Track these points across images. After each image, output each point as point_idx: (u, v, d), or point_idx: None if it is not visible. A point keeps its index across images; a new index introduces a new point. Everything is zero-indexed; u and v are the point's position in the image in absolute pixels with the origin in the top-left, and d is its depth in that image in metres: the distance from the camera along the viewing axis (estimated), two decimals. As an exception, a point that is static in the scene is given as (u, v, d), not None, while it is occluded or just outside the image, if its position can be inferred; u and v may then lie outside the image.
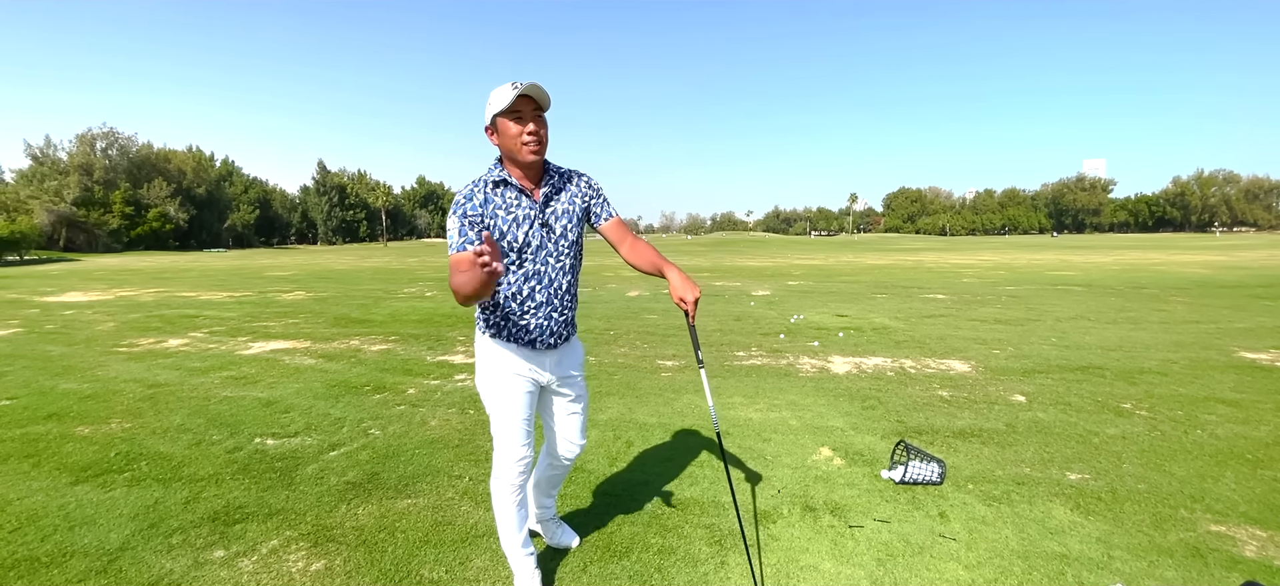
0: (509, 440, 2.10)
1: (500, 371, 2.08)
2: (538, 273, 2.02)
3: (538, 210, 2.00)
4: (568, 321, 2.14)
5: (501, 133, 1.93)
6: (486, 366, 2.11)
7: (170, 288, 16.09)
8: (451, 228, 1.94)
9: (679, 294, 2.03)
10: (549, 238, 2.02)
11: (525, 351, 2.08)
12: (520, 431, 2.11)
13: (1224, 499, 2.94)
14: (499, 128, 1.93)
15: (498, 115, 1.91)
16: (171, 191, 73.59)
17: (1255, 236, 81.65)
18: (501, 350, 2.08)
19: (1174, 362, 5.81)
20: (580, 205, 2.10)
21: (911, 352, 6.42)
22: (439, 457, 3.58)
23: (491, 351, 2.09)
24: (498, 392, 2.09)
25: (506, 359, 2.08)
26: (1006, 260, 25.72)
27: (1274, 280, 14.60)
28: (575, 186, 2.10)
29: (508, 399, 2.09)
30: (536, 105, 1.91)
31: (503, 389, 2.08)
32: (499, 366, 2.08)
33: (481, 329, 2.12)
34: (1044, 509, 2.87)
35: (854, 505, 2.94)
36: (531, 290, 2.02)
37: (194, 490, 3.16)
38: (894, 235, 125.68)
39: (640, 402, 4.68)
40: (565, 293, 2.10)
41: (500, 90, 1.89)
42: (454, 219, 1.93)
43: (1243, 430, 3.90)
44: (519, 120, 1.90)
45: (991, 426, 4.05)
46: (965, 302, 10.86)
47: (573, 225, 2.07)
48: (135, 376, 5.68)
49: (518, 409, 2.10)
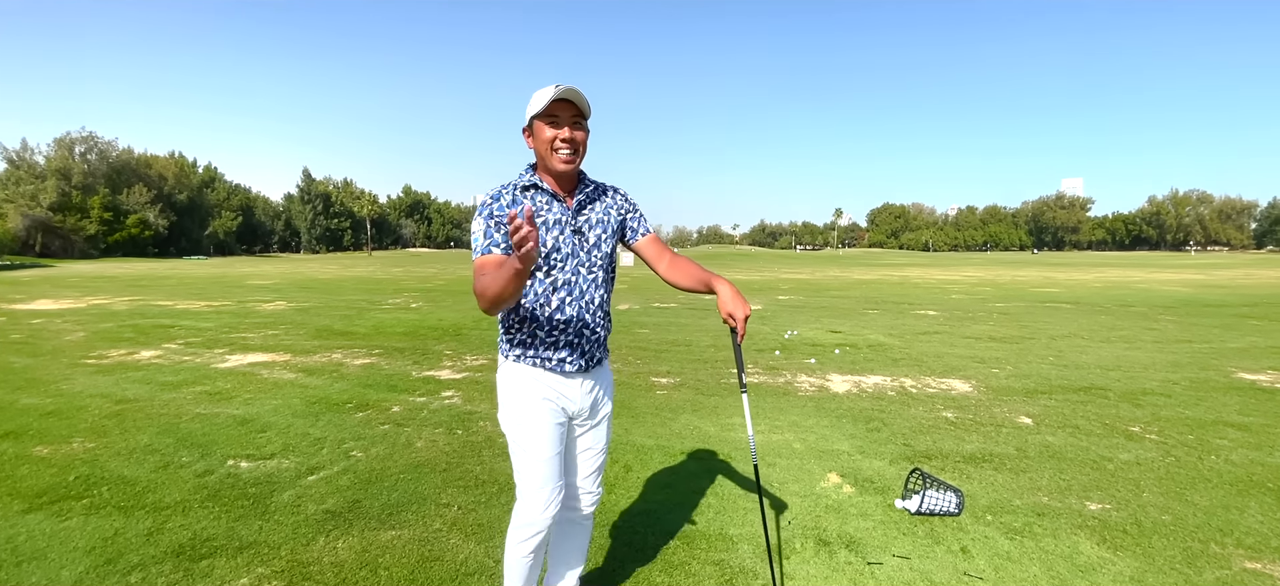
0: (539, 480, 1.84)
1: (527, 397, 1.84)
2: (568, 283, 1.82)
3: (570, 216, 1.83)
4: (600, 342, 1.92)
5: (537, 136, 1.79)
6: (512, 394, 1.87)
7: (146, 296, 15.62)
8: (477, 230, 1.77)
9: (728, 309, 1.86)
10: (582, 246, 1.84)
11: (554, 375, 1.86)
12: (552, 469, 1.85)
13: (1254, 532, 2.82)
14: (535, 131, 1.80)
15: (535, 117, 1.78)
16: (152, 197, 72.23)
17: (1229, 256, 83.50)
18: (528, 373, 1.85)
19: (1175, 383, 5.73)
20: (615, 217, 1.94)
21: (910, 371, 6.30)
22: (426, 483, 3.36)
23: (517, 376, 1.86)
24: (526, 423, 1.84)
25: (534, 383, 1.85)
26: (991, 276, 25.91)
27: (1257, 299, 14.77)
28: (610, 198, 1.96)
29: (538, 430, 1.83)
30: (576, 111, 1.77)
31: (532, 418, 1.83)
32: (526, 392, 1.84)
33: (505, 352, 1.90)
34: (1070, 543, 2.72)
35: (870, 539, 2.77)
36: (561, 302, 1.82)
37: (158, 519, 2.91)
38: (878, 250, 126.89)
39: (636, 423, 4.49)
40: (598, 308, 1.89)
41: (541, 92, 1.76)
42: (480, 220, 1.77)
43: (1258, 456, 3.80)
44: (554, 124, 1.76)
45: (1002, 451, 3.91)
46: (957, 319, 10.80)
47: (607, 236, 1.90)
48: (102, 391, 5.38)
49: (549, 441, 1.84)
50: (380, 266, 38.37)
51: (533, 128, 1.80)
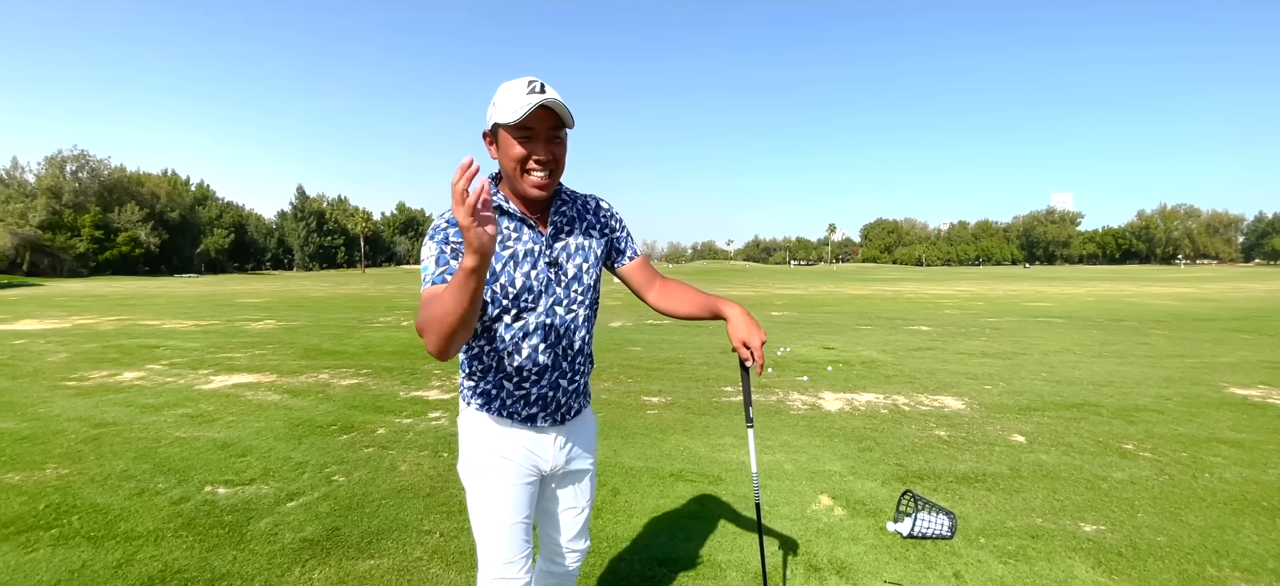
0: (497, 550, 1.53)
1: (489, 455, 1.55)
2: (543, 327, 1.50)
3: (545, 245, 1.50)
4: (580, 390, 1.63)
5: (503, 150, 1.42)
6: (472, 449, 1.57)
7: (133, 315, 15.45)
8: (427, 256, 1.41)
9: (742, 337, 1.60)
10: (559, 281, 1.52)
11: (523, 430, 1.57)
12: (514, 539, 1.54)
13: (1250, 553, 2.77)
14: (500, 142, 1.43)
15: (501, 125, 1.41)
16: (144, 215, 71.99)
17: (1218, 269, 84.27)
18: (492, 427, 1.55)
19: (1167, 399, 5.71)
20: (599, 241, 1.60)
21: (903, 388, 6.26)
22: (408, 509, 3.28)
23: (479, 429, 1.56)
24: (485, 485, 1.55)
25: (498, 439, 1.55)
26: (984, 291, 26.01)
27: (1246, 313, 14.86)
28: (593, 217, 1.61)
29: (498, 494, 1.54)
30: (555, 120, 1.40)
31: (492, 480, 1.54)
32: (488, 449, 1.55)
33: (466, 398, 1.60)
34: (1064, 567, 2.67)
35: (861, 564, 2.71)
36: (534, 349, 1.51)
37: (128, 550, 2.82)
38: (872, 265, 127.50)
39: (626, 444, 4.42)
40: (577, 352, 1.58)
41: (511, 89, 1.38)
42: (432, 245, 1.41)
43: (1251, 474, 3.76)
44: (527, 140, 1.40)
45: (995, 470, 3.86)
46: (950, 334, 10.80)
47: (590, 266, 1.57)
48: (81, 414, 5.27)
49: (511, 507, 1.54)
50: (373, 284, 38.20)
51: (498, 137, 1.43)
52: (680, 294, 1.72)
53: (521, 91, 1.36)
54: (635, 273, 1.70)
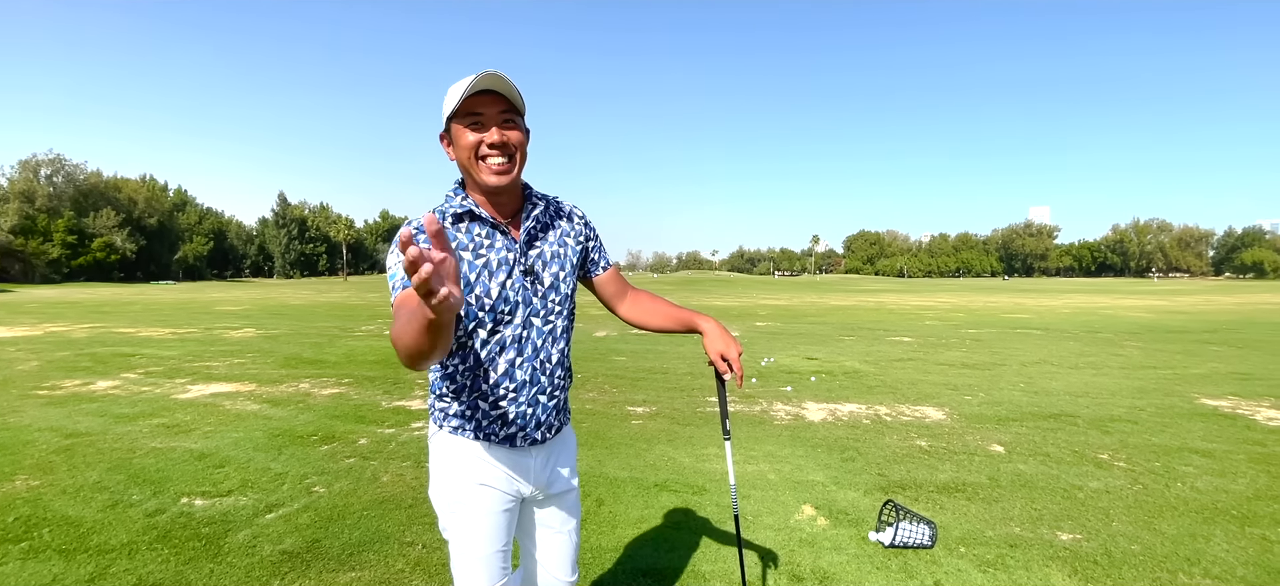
0: (473, 580, 1.45)
1: (466, 483, 1.46)
2: (519, 339, 1.43)
3: (519, 253, 1.43)
4: (560, 406, 1.55)
5: (456, 143, 1.38)
6: (446, 474, 1.48)
7: (108, 323, 15.13)
8: (393, 262, 1.29)
9: (719, 350, 1.59)
10: (536, 291, 1.44)
11: (501, 451, 1.48)
12: (492, 567, 1.46)
13: (1220, 561, 2.84)
14: (453, 136, 1.38)
15: (451, 119, 1.36)
16: (120, 221, 70.59)
17: (1189, 282, 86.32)
18: (468, 449, 1.46)
19: (1141, 410, 5.83)
20: (574, 247, 1.54)
21: (885, 398, 6.33)
22: (389, 521, 3.25)
23: (453, 452, 1.47)
24: (460, 512, 1.46)
25: (476, 464, 1.46)
26: (964, 303, 26.37)
27: (1216, 325, 15.23)
28: (568, 224, 1.55)
29: (474, 521, 1.45)
30: (506, 104, 1.35)
31: (468, 507, 1.45)
32: (465, 476, 1.46)
33: (438, 420, 1.50)
34: (1042, 575, 2.71)
35: (843, 574, 2.73)
36: (510, 364, 1.43)
37: (101, 564, 2.76)
38: (855, 276, 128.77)
39: (610, 454, 4.42)
40: (556, 366, 1.50)
41: (458, 84, 1.34)
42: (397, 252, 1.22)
43: (1221, 483, 3.86)
44: (477, 126, 1.34)
45: (975, 480, 3.92)
46: (931, 345, 10.93)
47: (567, 275, 1.51)
48: (52, 424, 5.14)
49: (490, 536, 1.46)
50: (355, 292, 37.79)
51: (451, 132, 1.39)
52: (653, 306, 1.68)
53: (464, 81, 1.33)
54: (608, 284, 1.66)
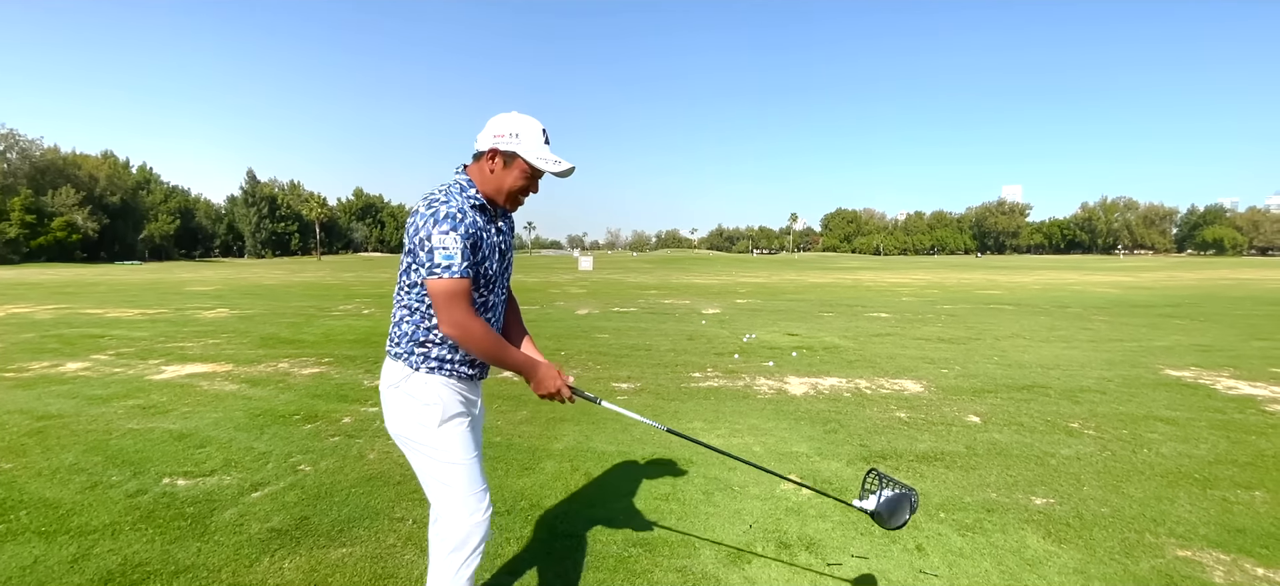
0: (473, 480, 1.84)
1: (450, 409, 1.82)
2: (495, 305, 1.91)
3: (504, 240, 1.90)
4: None
5: (507, 172, 1.78)
6: (434, 406, 1.81)
7: (73, 304, 14.68)
8: (453, 246, 1.65)
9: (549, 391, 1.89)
10: (505, 269, 1.93)
11: (466, 385, 1.88)
12: (479, 468, 1.87)
13: (1184, 522, 2.97)
14: (509, 167, 1.78)
15: (526, 160, 1.77)
16: (80, 199, 68.11)
17: (1153, 259, 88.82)
18: (448, 386, 1.83)
19: (1109, 381, 6.04)
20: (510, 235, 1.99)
21: (865, 372, 6.45)
22: (378, 497, 3.24)
23: (438, 388, 1.81)
24: (453, 431, 1.82)
25: (454, 394, 1.84)
26: (939, 279, 26.85)
27: (1179, 300, 15.75)
28: (506, 221, 1.96)
29: (464, 436, 1.84)
30: None
31: (458, 426, 1.84)
32: (449, 403, 1.82)
33: (416, 364, 1.81)
34: (1018, 538, 2.82)
35: (829, 540, 2.81)
36: (486, 322, 1.82)
37: (84, 545, 2.72)
38: (832, 254, 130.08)
39: (597, 429, 4.45)
40: (498, 325, 1.97)
41: (535, 133, 1.77)
42: (456, 237, 1.66)
43: (1185, 449, 4.03)
44: (530, 182, 1.83)
45: (953, 449, 4.03)
46: (908, 321, 11.14)
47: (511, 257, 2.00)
48: (21, 406, 5.01)
49: (473, 444, 1.88)
50: (330, 271, 37.14)
51: (508, 161, 1.77)
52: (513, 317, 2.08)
53: (544, 144, 1.78)
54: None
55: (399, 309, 1.84)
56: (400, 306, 1.83)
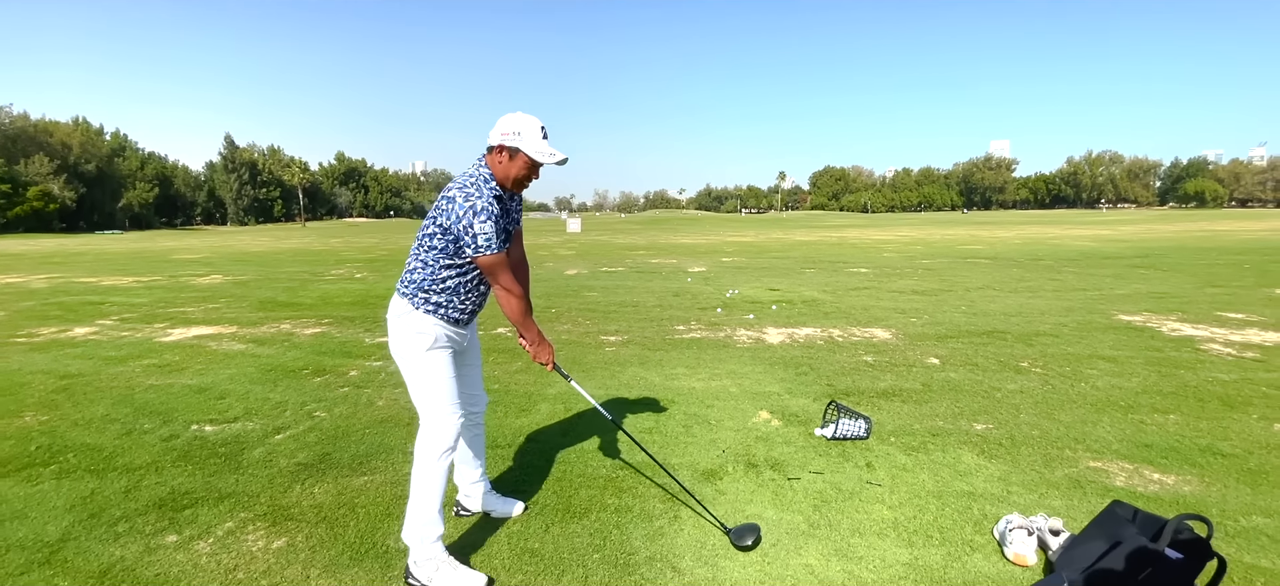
0: (452, 395, 2.31)
1: (438, 342, 2.29)
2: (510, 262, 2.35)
3: (514, 219, 2.39)
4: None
5: (511, 163, 2.21)
6: (424, 337, 2.27)
7: (65, 273, 14.77)
8: (491, 231, 2.15)
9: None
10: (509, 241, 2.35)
11: (456, 327, 2.37)
12: (457, 389, 2.34)
13: (1101, 440, 3.41)
14: (514, 160, 2.21)
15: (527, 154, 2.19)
16: (55, 168, 66.69)
17: (1135, 212, 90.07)
18: (440, 325, 2.30)
19: (1064, 326, 6.48)
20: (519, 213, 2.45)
21: (839, 322, 6.86)
22: (391, 436, 3.60)
23: (430, 326, 2.28)
24: (436, 361, 2.29)
25: (442, 332, 2.31)
26: (923, 236, 27.33)
27: (1149, 252, 16.30)
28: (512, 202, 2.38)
29: (446, 361, 2.32)
30: None
31: (441, 353, 2.31)
32: (438, 338, 2.29)
33: (416, 304, 2.28)
34: (955, 455, 3.24)
35: (791, 460, 3.21)
36: (485, 284, 2.37)
37: (132, 479, 3.06)
38: (820, 212, 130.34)
39: (587, 377, 4.82)
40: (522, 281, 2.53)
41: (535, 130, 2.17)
42: (490, 224, 2.15)
43: (1118, 382, 4.47)
44: (533, 173, 2.26)
45: (910, 386, 4.45)
46: (886, 275, 11.57)
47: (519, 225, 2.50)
48: (42, 367, 5.29)
49: (452, 368, 2.34)
50: (317, 237, 37.01)
51: (515, 156, 2.19)
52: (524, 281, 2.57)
53: (542, 139, 2.19)
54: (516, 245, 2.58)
55: (414, 260, 2.29)
56: (416, 259, 2.28)
